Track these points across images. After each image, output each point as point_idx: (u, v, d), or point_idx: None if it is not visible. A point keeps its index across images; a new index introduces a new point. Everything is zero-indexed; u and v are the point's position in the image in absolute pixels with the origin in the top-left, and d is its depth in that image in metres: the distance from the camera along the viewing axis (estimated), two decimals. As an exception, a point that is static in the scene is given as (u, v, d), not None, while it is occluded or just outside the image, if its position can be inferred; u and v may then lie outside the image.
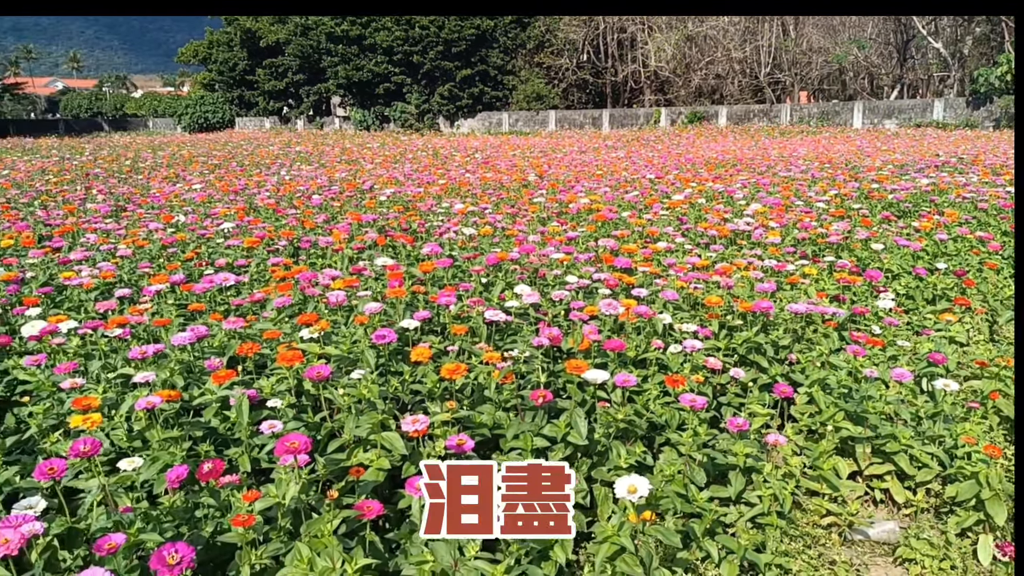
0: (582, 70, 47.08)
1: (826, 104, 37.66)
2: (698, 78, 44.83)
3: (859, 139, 22.63)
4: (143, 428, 3.22)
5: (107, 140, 37.24)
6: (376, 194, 9.94)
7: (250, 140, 31.87)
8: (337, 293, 4.15)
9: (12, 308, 4.92)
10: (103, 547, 2.17)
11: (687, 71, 45.04)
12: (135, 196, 10.67)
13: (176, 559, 2.14)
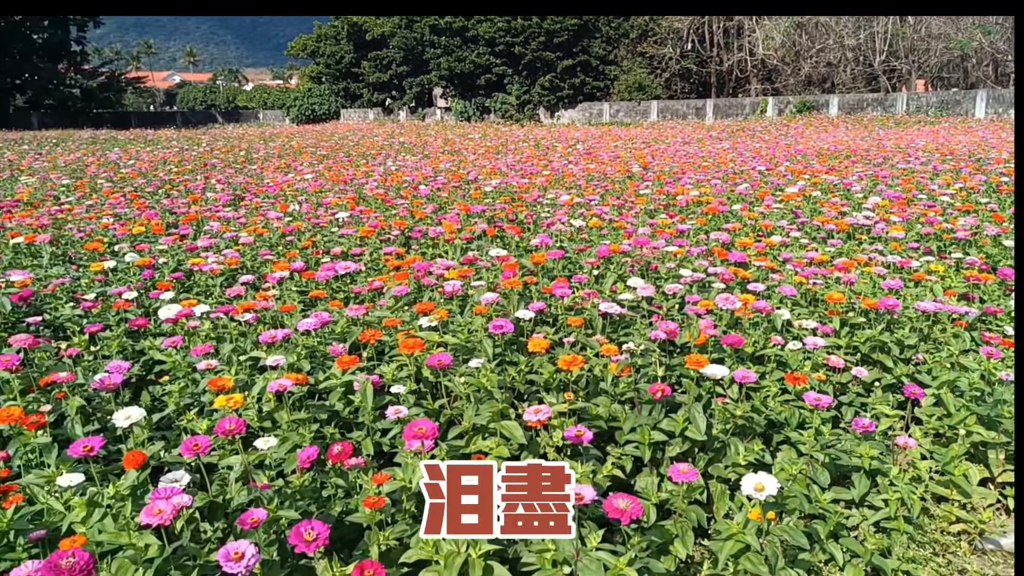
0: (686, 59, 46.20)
1: (945, 93, 35.89)
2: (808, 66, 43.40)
3: (982, 130, 21.50)
4: (272, 409, 3.36)
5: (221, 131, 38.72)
6: (481, 185, 10.03)
7: (355, 131, 32.62)
8: (453, 283, 4.22)
9: (147, 292, 5.21)
10: (246, 521, 2.28)
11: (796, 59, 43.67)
12: (251, 185, 11.09)
13: (313, 536, 2.23)
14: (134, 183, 11.78)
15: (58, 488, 2.62)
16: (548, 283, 4.66)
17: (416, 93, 51.45)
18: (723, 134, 23.94)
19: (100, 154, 18.90)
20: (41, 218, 7.86)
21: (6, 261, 6.27)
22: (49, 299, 5.16)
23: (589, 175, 11.30)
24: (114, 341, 4.28)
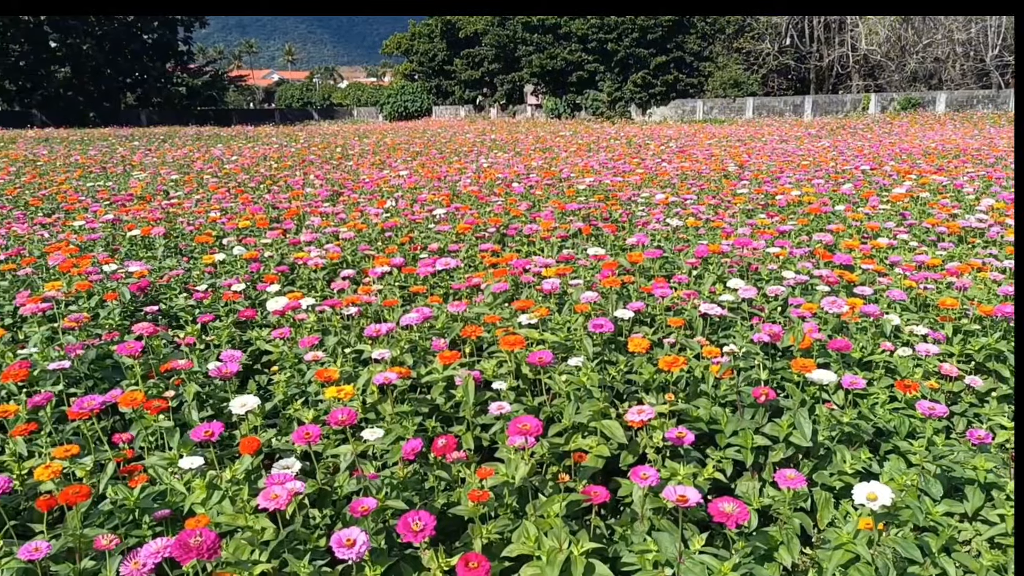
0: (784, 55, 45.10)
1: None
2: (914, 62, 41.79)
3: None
4: (375, 401, 3.45)
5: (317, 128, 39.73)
6: (574, 183, 10.02)
7: (446, 128, 33.01)
8: (551, 281, 4.24)
9: (254, 284, 5.40)
10: (357, 509, 2.35)
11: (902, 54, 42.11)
12: (348, 181, 11.35)
13: (420, 526, 2.28)
14: (237, 178, 12.20)
15: (179, 470, 2.75)
16: (646, 283, 4.63)
17: (507, 90, 51.73)
18: (823, 132, 23.29)
19: (205, 150, 19.65)
20: (154, 212, 8.24)
21: (124, 252, 6.59)
22: (164, 289, 5.40)
23: (683, 173, 11.16)
24: (224, 331, 4.45)
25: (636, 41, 42.92)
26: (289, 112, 62.95)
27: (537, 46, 46.16)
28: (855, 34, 42.74)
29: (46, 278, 5.53)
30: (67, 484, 2.55)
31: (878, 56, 42.44)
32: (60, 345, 4.05)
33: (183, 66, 61.16)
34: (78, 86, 53.81)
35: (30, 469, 2.88)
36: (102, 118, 50.16)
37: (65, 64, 52.77)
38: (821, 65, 45.49)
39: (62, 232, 7.33)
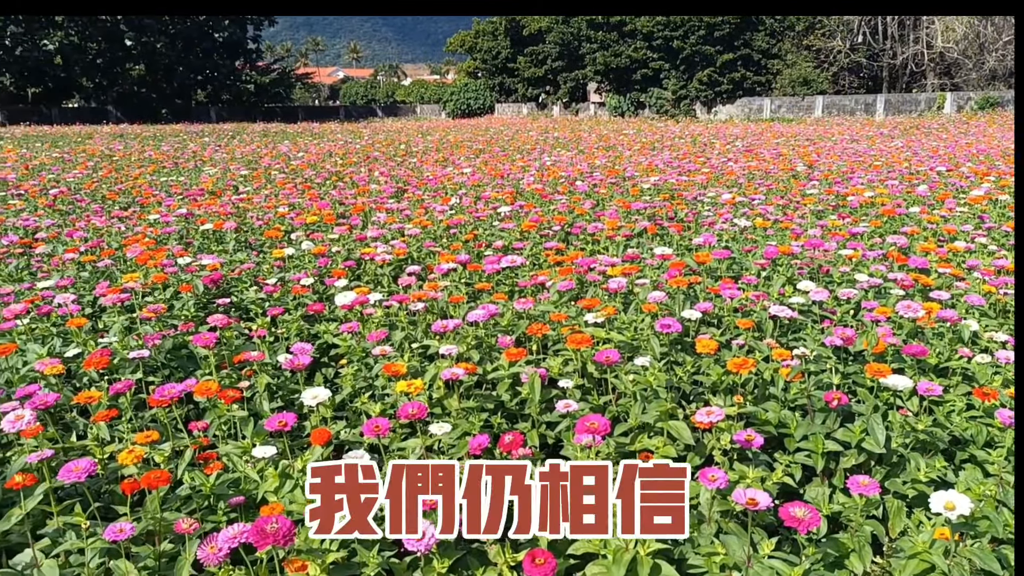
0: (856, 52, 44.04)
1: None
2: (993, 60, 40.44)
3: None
4: (441, 396, 3.48)
5: (381, 125, 40.21)
6: (638, 181, 9.96)
7: (508, 126, 33.09)
8: (618, 280, 4.23)
9: (322, 279, 5.50)
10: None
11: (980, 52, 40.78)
12: (412, 178, 11.46)
13: (487, 521, 2.30)
14: (304, 174, 12.42)
15: (252, 458, 2.82)
16: (713, 283, 4.59)
17: (570, 88, 51.63)
18: (895, 132, 22.70)
19: (272, 146, 20.06)
20: (225, 207, 8.43)
21: (197, 246, 6.77)
22: (235, 282, 5.53)
23: (750, 173, 11.00)
24: (293, 324, 4.54)
25: (702, 38, 42.41)
26: (353, 109, 63.83)
27: (601, 44, 45.96)
28: (931, 31, 41.55)
29: (124, 270, 5.71)
30: (147, 469, 2.63)
31: (955, 54, 41.18)
32: (138, 335, 4.18)
33: (252, 64, 62.50)
34: (151, 83, 55.42)
35: (111, 453, 2.98)
36: (174, 114, 51.62)
37: (140, 62, 54.38)
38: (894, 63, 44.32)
39: (138, 225, 7.55)
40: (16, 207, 8.94)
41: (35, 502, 2.41)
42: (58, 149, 19.49)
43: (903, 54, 43.41)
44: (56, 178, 11.94)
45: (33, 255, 6.24)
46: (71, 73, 51.22)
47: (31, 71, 50.37)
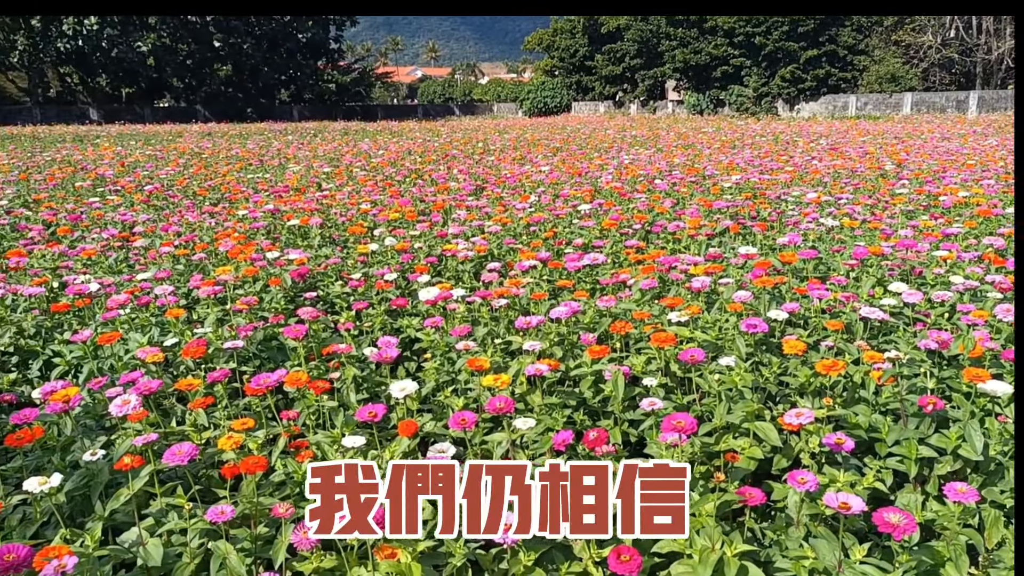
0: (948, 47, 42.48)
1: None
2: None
3: None
4: (524, 392, 3.50)
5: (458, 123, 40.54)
6: (718, 180, 9.83)
7: (585, 124, 32.99)
8: (701, 279, 4.19)
9: (404, 274, 5.59)
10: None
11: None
12: (490, 176, 11.54)
13: (573, 516, 2.31)
14: (384, 172, 12.63)
15: (342, 448, 2.89)
16: (799, 283, 4.50)
17: (648, 86, 51.20)
18: (990, 130, 21.82)
19: (352, 144, 20.43)
20: (309, 203, 8.64)
21: (284, 241, 6.95)
22: (321, 277, 5.67)
23: (836, 172, 10.73)
24: (377, 318, 4.63)
25: (786, 34, 41.50)
26: (431, 108, 64.52)
27: (681, 41, 45.42)
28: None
29: (216, 263, 5.91)
30: (243, 455, 2.73)
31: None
32: (231, 326, 4.32)
33: (333, 63, 63.74)
34: (238, 83, 57.07)
35: (207, 439, 3.09)
36: (258, 113, 53.06)
37: (227, 62, 56.05)
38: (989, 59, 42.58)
39: (228, 221, 7.80)
40: (114, 202, 9.33)
41: (141, 483, 2.53)
42: (151, 147, 20.24)
43: (998, 49, 41.66)
44: (150, 175, 12.41)
45: (131, 248, 6.51)
46: (162, 74, 53.10)
47: (126, 72, 52.43)
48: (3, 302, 4.88)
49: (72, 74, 54.68)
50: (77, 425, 3.21)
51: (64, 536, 2.37)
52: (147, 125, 40.68)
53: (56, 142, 23.22)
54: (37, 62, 51.34)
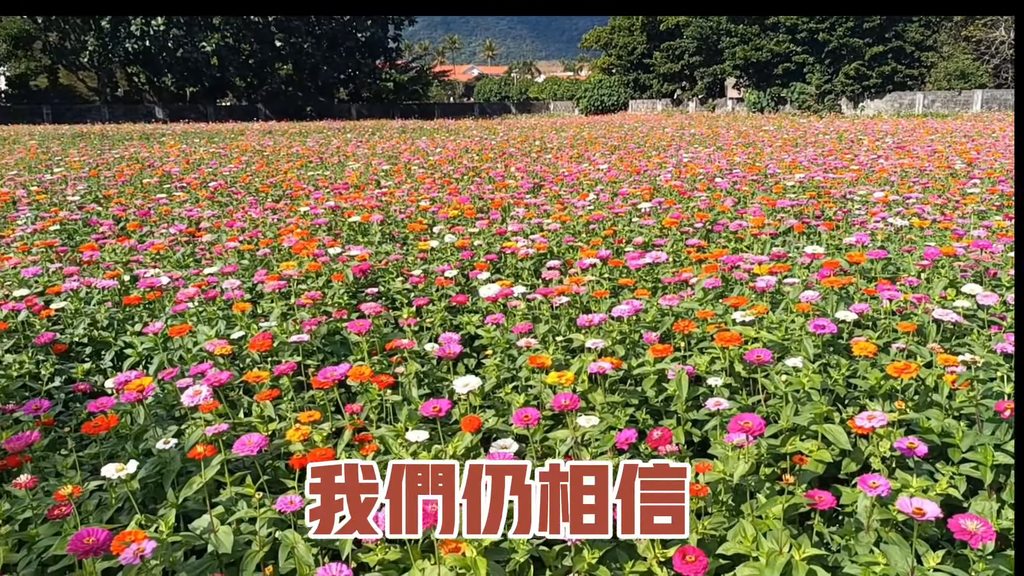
0: (1020, 43, 41.11)
1: None
2: None
3: None
4: (585, 390, 3.49)
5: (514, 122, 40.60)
6: (781, 179, 9.66)
7: (643, 122, 32.75)
8: (766, 278, 4.12)
9: (464, 271, 5.62)
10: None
11: None
12: (547, 174, 11.52)
13: (638, 515, 2.29)
14: (442, 169, 12.70)
15: (406, 442, 2.91)
16: (866, 284, 4.40)
17: (707, 84, 50.63)
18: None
19: (410, 142, 20.60)
20: (369, 200, 8.73)
21: (345, 237, 7.04)
22: (382, 273, 5.73)
23: (903, 171, 10.47)
24: (437, 314, 4.65)
25: (850, 30, 40.61)
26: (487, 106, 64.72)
27: (742, 37, 44.80)
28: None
29: (279, 259, 6.01)
30: (310, 446, 2.77)
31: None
32: (295, 320, 4.39)
33: (391, 62, 64.36)
34: (298, 82, 58.04)
35: (273, 431, 3.15)
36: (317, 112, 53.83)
37: (287, 62, 57.04)
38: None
39: (290, 217, 7.93)
40: (180, 198, 9.56)
41: (212, 472, 2.58)
42: (214, 145, 20.68)
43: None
44: (214, 172, 12.68)
45: (197, 243, 6.66)
46: (225, 73, 54.28)
47: (190, 71, 53.72)
48: (78, 294, 5.04)
49: (139, 74, 56.25)
50: (149, 414, 3.30)
51: (139, 521, 2.43)
52: (210, 123, 41.61)
53: (124, 140, 23.88)
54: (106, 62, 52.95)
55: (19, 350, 4.33)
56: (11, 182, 11.24)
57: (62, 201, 9.35)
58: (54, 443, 3.39)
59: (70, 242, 7.15)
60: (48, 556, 2.46)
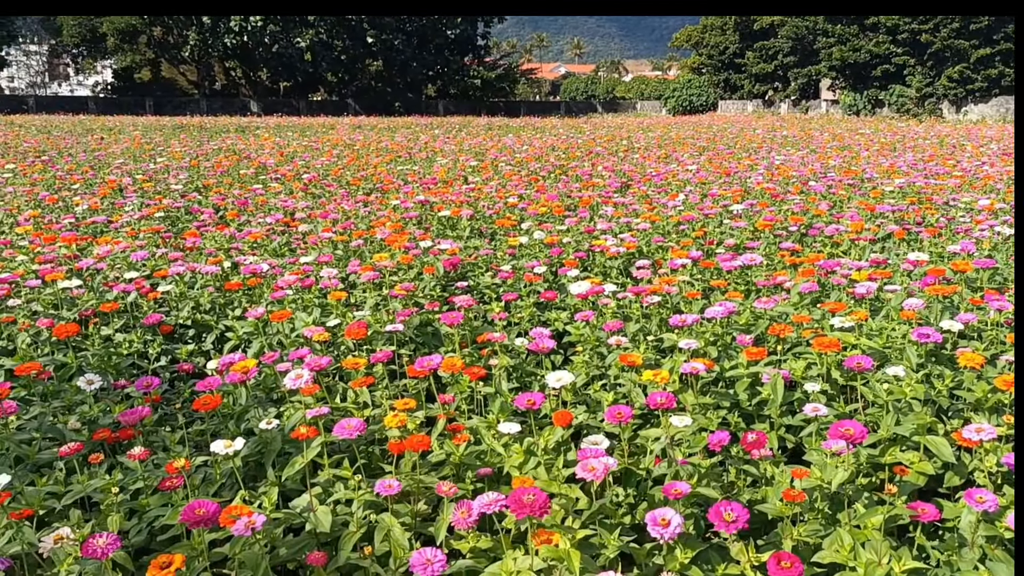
0: None
1: None
2: None
3: None
4: (676, 391, 3.46)
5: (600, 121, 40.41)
6: (878, 183, 9.38)
7: (732, 123, 32.18)
8: (867, 284, 4.01)
9: (552, 268, 5.63)
10: (670, 492, 2.39)
11: None
12: (635, 174, 11.44)
13: (732, 517, 2.27)
14: (529, 167, 12.74)
15: (498, 434, 2.95)
16: (972, 294, 4.24)
17: (801, 85, 49.42)
18: None
19: (497, 139, 20.72)
20: (458, 195, 8.83)
21: (434, 231, 7.14)
22: (471, 267, 5.79)
23: (1010, 178, 10.02)
24: (526, 310, 4.68)
25: (956, 32, 39.02)
26: (573, 104, 64.55)
27: (839, 38, 43.53)
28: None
29: (372, 250, 6.13)
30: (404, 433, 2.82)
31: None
32: (388, 310, 4.48)
33: (479, 59, 64.81)
34: (387, 78, 59.01)
35: (367, 417, 3.22)
36: (405, 107, 54.62)
37: (378, 58, 58.02)
38: None
39: (381, 210, 8.09)
40: (275, 189, 9.85)
41: (313, 453, 2.66)
42: (306, 138, 21.22)
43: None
44: (306, 164, 13.02)
45: (292, 233, 6.85)
46: (318, 68, 55.54)
47: (284, 66, 55.21)
48: (183, 278, 5.25)
49: (236, 68, 58.11)
50: (250, 396, 3.42)
51: (243, 497, 2.53)
52: (302, 117, 42.66)
53: (221, 132, 24.71)
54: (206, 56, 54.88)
55: (128, 329, 4.54)
56: (118, 170, 11.77)
57: (165, 190, 9.75)
58: (161, 419, 3.54)
59: (173, 228, 7.45)
60: (158, 525, 2.58)
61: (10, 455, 3.00)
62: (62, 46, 61.63)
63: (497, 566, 2.30)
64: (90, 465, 2.77)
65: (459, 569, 2.40)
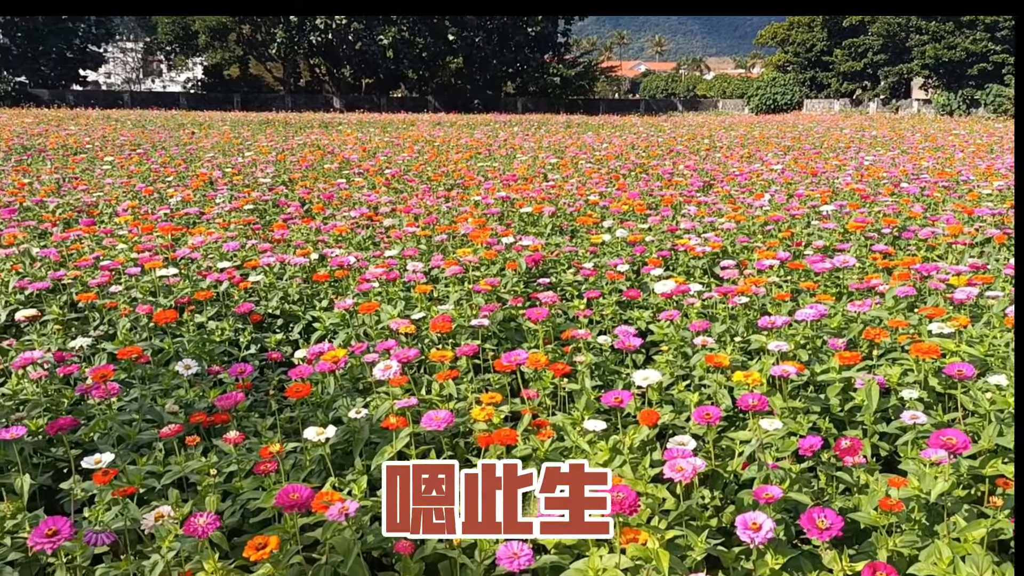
0: None
1: None
2: None
3: None
4: (764, 393, 3.39)
5: (681, 119, 39.85)
6: (975, 186, 9.02)
7: (818, 122, 31.39)
8: (967, 290, 3.87)
9: (634, 266, 5.58)
10: (761, 496, 2.34)
11: None
12: (717, 173, 11.26)
13: (826, 524, 2.21)
14: (609, 165, 12.66)
15: (583, 431, 2.94)
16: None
17: (891, 83, 47.91)
18: None
19: (576, 137, 20.66)
20: (538, 192, 8.84)
21: (516, 227, 7.16)
22: (553, 264, 5.79)
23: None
24: (608, 308, 4.65)
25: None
26: (653, 102, 63.89)
27: (933, 35, 42.04)
28: None
29: (454, 245, 6.19)
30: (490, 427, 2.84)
31: None
32: (472, 305, 4.52)
33: (559, 57, 64.63)
34: (467, 75, 59.37)
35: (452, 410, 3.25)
36: (484, 105, 54.85)
37: (458, 55, 58.43)
38: None
39: (462, 205, 8.15)
40: (358, 184, 10.02)
41: (402, 443, 2.70)
42: (388, 134, 21.51)
43: None
44: (388, 160, 13.21)
45: (377, 227, 6.96)
46: (399, 65, 56.25)
47: (367, 63, 56.12)
48: (272, 269, 5.38)
49: (320, 65, 59.30)
50: (338, 385, 3.48)
51: (333, 484, 2.58)
52: (383, 114, 43.27)
53: (305, 128, 25.25)
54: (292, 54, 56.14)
55: (221, 317, 4.68)
56: (209, 163, 12.15)
57: (253, 183, 10.01)
58: (252, 405, 3.64)
59: (261, 220, 7.65)
60: (251, 507, 2.65)
61: (112, 435, 3.13)
62: (157, 43, 63.86)
63: (583, 563, 2.30)
64: (187, 447, 2.86)
65: (544, 564, 2.40)
